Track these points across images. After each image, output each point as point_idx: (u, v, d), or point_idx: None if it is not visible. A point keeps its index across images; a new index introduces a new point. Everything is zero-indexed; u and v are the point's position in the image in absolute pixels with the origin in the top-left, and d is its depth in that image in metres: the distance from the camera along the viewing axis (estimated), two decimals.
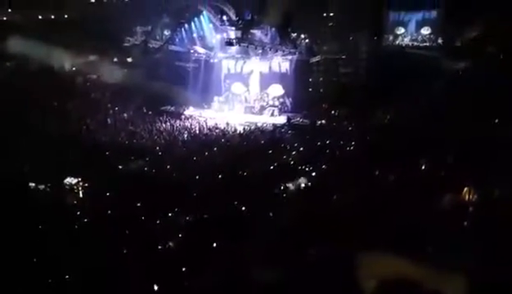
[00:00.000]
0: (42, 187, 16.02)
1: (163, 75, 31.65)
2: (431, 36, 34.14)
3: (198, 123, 27.97)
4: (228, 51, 32.53)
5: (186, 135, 25.35)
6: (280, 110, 30.68)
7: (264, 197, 15.22)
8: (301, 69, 31.44)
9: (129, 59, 34.42)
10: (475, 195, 11.83)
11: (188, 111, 30.57)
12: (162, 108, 30.22)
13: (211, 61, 33.22)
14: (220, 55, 32.98)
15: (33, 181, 16.04)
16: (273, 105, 31.06)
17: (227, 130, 26.58)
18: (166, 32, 35.03)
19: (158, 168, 19.05)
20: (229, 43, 31.13)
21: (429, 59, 30.62)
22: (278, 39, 31.58)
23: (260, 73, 31.95)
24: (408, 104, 22.92)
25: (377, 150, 18.88)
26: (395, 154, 17.16)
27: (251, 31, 31.15)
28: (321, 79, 32.02)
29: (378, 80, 27.29)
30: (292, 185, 16.44)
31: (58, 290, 10.06)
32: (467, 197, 11.97)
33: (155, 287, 9.81)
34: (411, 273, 5.59)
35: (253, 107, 31.23)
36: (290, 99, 31.26)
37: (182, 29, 33.61)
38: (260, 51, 31.01)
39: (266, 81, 31.88)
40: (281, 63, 31.65)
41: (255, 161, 19.45)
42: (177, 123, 27.53)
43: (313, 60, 31.75)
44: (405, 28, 35.09)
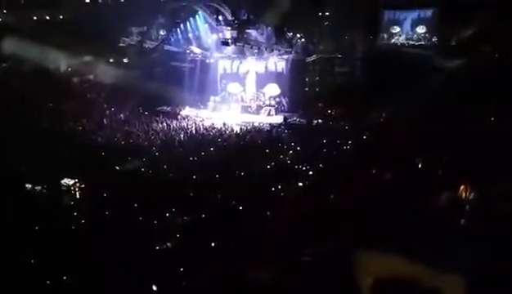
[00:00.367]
0: (38, 188, 15.98)
1: (159, 75, 31.67)
2: (426, 35, 34.21)
3: (194, 123, 27.95)
4: (224, 51, 32.52)
5: (183, 135, 25.34)
6: (276, 110, 30.70)
7: (261, 196, 15.24)
8: (297, 69, 31.50)
9: (125, 59, 34.36)
10: (472, 193, 11.85)
11: (184, 111, 30.54)
12: (158, 108, 30.19)
13: (207, 61, 33.21)
14: (216, 54, 32.97)
15: (29, 182, 16.00)
16: (269, 105, 31.08)
17: (224, 130, 26.59)
18: (162, 32, 34.98)
19: (154, 168, 19.03)
20: (225, 43, 31.13)
21: (425, 57, 30.70)
22: (274, 39, 31.62)
23: (256, 73, 31.96)
24: (404, 102, 22.96)
25: (373, 149, 18.94)
26: (391, 153, 17.21)
27: (247, 31, 31.15)
28: (317, 78, 32.13)
29: (373, 79, 27.37)
30: (289, 184, 16.46)
31: (56, 291, 10.04)
32: (464, 195, 12.00)
33: (154, 288, 9.80)
34: (409, 271, 5.59)
35: (249, 107, 31.22)
36: (287, 98, 31.31)
37: (178, 29, 33.58)
38: (256, 51, 31.02)
39: (262, 80, 31.90)
40: (277, 62, 31.69)
41: (252, 160, 19.46)
42: (174, 123, 27.52)
43: (309, 60, 31.81)
44: (400, 27, 35.15)
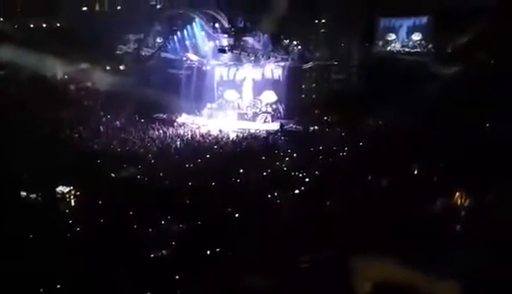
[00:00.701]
0: (33, 196, 15.90)
1: (155, 82, 31.60)
2: (422, 42, 34.37)
3: (191, 130, 27.91)
4: (221, 59, 32.52)
5: (179, 142, 25.29)
6: (273, 117, 30.67)
7: (257, 203, 15.21)
8: (293, 76, 31.50)
9: (122, 66, 34.33)
10: (468, 200, 11.88)
11: (181, 118, 30.48)
12: (154, 115, 30.13)
13: (204, 68, 33.18)
14: (213, 62, 32.96)
15: (24, 190, 15.93)
16: (266, 112, 31.04)
17: (220, 137, 26.56)
18: (158, 39, 34.98)
19: (150, 176, 18.98)
20: (221, 50, 31.15)
21: (420, 64, 30.81)
22: (270, 46, 31.67)
23: (253, 80, 31.95)
24: (400, 109, 23.02)
25: (369, 156, 18.96)
26: (387, 160, 17.23)
27: (243, 38, 31.19)
28: (314, 85, 32.16)
29: (370, 86, 27.43)
30: (285, 192, 16.44)
31: None
32: (459, 201, 12.02)
33: None
34: (405, 277, 5.58)
35: (246, 114, 31.19)
36: (283, 105, 31.26)
37: (175, 37, 33.60)
38: (253, 58, 31.03)
39: (259, 87, 31.88)
40: (274, 69, 31.68)
41: (248, 167, 19.44)
42: (170, 131, 27.46)
43: (306, 67, 31.87)
44: (396, 34, 35.31)
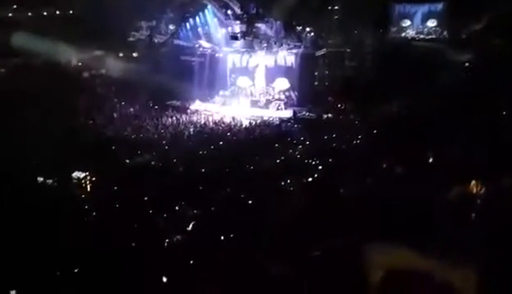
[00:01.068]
0: (49, 181, 16.11)
1: (168, 70, 31.64)
2: (437, 28, 33.91)
3: (204, 117, 28.02)
4: (233, 45, 32.47)
5: (192, 129, 25.41)
6: (285, 104, 30.63)
7: (270, 190, 15.25)
8: (306, 63, 31.37)
9: (135, 53, 34.45)
10: (484, 187, 11.77)
11: (194, 105, 30.60)
12: (167, 102, 30.26)
13: (216, 55, 33.19)
14: (225, 49, 32.93)
15: (40, 175, 16.14)
16: (279, 99, 31.01)
17: (233, 124, 26.62)
18: (171, 26, 34.97)
19: (164, 162, 19.11)
20: (234, 37, 31.10)
21: (435, 51, 30.44)
22: (283, 33, 31.51)
23: (265, 67, 31.89)
24: (414, 97, 22.83)
25: (384, 143, 18.85)
26: (401, 147, 17.12)
27: (256, 25, 31.10)
28: (327, 72, 31.97)
29: (383, 73, 27.18)
30: (298, 178, 16.44)
31: (66, 282, 10.14)
32: (476, 189, 11.92)
33: (164, 280, 9.86)
34: (420, 264, 5.58)
35: (258, 101, 31.20)
36: (296, 92, 31.20)
37: (187, 24, 33.58)
38: (265, 45, 30.95)
39: (271, 75, 31.83)
40: (287, 56, 31.58)
41: (261, 155, 19.47)
42: (183, 118, 27.60)
43: (319, 53, 31.66)
44: (410, 20, 34.90)
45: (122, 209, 13.82)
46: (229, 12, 31.75)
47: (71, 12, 35.36)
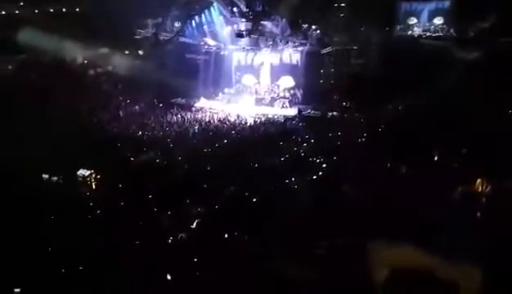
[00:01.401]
0: (55, 179, 16.18)
1: (173, 67, 31.69)
2: (444, 26, 33.71)
3: (209, 115, 28.02)
4: (239, 43, 32.45)
5: (197, 127, 25.41)
6: (290, 102, 30.57)
7: (275, 188, 15.24)
8: (312, 61, 31.29)
9: (140, 51, 34.50)
10: (489, 186, 11.71)
11: (199, 103, 30.60)
12: (173, 100, 30.30)
13: (221, 53, 33.18)
14: (230, 46, 32.91)
15: (46, 173, 16.22)
16: (284, 97, 30.95)
17: (238, 122, 26.59)
18: (176, 24, 34.99)
19: (169, 160, 19.13)
20: (239, 35, 31.07)
21: (442, 49, 30.26)
22: (289, 30, 31.45)
23: (271, 65, 31.86)
24: (420, 95, 22.72)
25: (389, 141, 18.79)
26: (407, 146, 17.06)
27: (261, 22, 31.04)
28: (332, 70, 31.84)
29: (389, 71, 27.05)
30: (303, 176, 16.42)
31: (72, 280, 10.18)
32: (481, 188, 11.86)
33: (168, 277, 9.89)
34: (424, 262, 5.56)
35: (263, 99, 31.15)
36: (301, 90, 31.14)
37: (193, 21, 33.59)
38: (271, 43, 30.92)
39: (276, 72, 31.79)
40: (292, 54, 31.53)
41: (266, 153, 19.45)
42: (188, 115, 27.62)
43: (324, 52, 31.57)
44: (417, 18, 34.70)
45: (127, 207, 13.88)
46: (235, 10, 31.70)
47: (77, 10, 35.49)
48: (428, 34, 33.91)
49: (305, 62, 31.31)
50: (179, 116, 27.31)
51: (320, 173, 17.25)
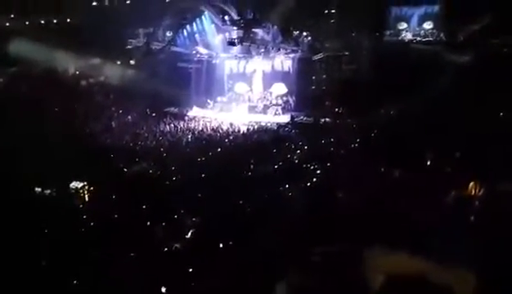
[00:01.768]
0: (47, 192, 16.05)
1: (165, 76, 31.61)
2: (433, 30, 34.01)
3: (202, 124, 27.94)
4: (230, 51, 32.45)
5: (190, 136, 25.32)
6: (283, 109, 30.55)
7: (269, 196, 15.21)
8: (304, 67, 31.35)
9: (132, 61, 34.43)
10: (482, 190, 11.76)
11: (192, 112, 30.50)
12: (165, 109, 30.20)
13: (213, 61, 33.12)
14: (222, 55, 32.90)
15: (38, 186, 16.08)
16: (276, 104, 30.93)
17: (231, 130, 26.54)
18: (168, 33, 34.99)
19: (162, 170, 19.05)
20: (231, 43, 31.10)
21: (432, 53, 30.50)
22: (280, 38, 31.52)
23: (263, 72, 31.86)
24: (412, 99, 22.84)
25: (381, 146, 18.84)
26: (400, 150, 17.11)
27: (253, 30, 31.10)
28: (324, 77, 31.93)
29: (381, 76, 27.19)
30: (297, 183, 16.40)
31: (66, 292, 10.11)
32: (474, 192, 11.91)
33: (163, 289, 9.83)
34: (419, 268, 5.55)
35: (256, 106, 31.13)
36: (294, 97, 31.14)
37: (184, 30, 33.58)
38: (262, 50, 30.95)
39: (269, 80, 31.78)
40: (284, 61, 31.56)
41: (259, 160, 19.43)
42: (181, 124, 27.52)
43: (316, 58, 31.67)
44: (407, 23, 35.01)
45: (120, 218, 13.79)
46: (226, 18, 31.76)
47: (68, 21, 35.43)
48: (418, 39, 34.23)
49: (297, 69, 31.35)
50: (172, 125, 27.22)
51: (313, 180, 17.25)
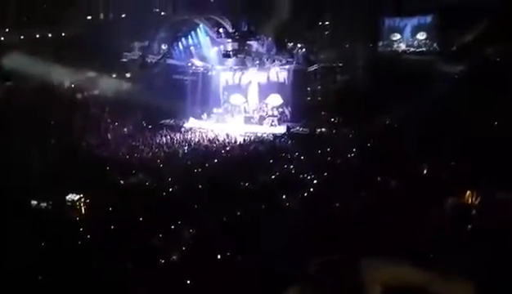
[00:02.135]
0: (44, 205, 15.98)
1: (161, 89, 31.68)
2: (427, 41, 34.29)
3: (198, 136, 27.97)
4: (226, 63, 32.60)
5: (187, 147, 25.34)
6: (279, 120, 30.64)
7: (266, 207, 15.20)
8: (299, 79, 31.49)
9: (128, 74, 34.46)
10: (480, 199, 11.79)
11: (188, 124, 30.53)
12: (161, 121, 30.23)
13: (209, 74, 33.24)
14: (218, 67, 33.03)
15: (34, 199, 16.02)
16: (272, 115, 31.03)
17: (227, 141, 26.57)
18: (163, 46, 35.11)
19: (159, 181, 19.03)
20: (226, 55, 31.26)
21: (426, 64, 30.71)
22: (275, 49, 31.72)
23: (258, 84, 31.97)
24: (407, 109, 22.97)
25: (378, 156, 18.90)
26: (396, 160, 17.17)
27: (248, 42, 31.29)
28: (319, 88, 32.12)
29: (376, 87, 27.36)
30: (294, 194, 16.41)
31: None
32: (471, 201, 11.94)
33: None
34: (418, 278, 5.48)
35: (252, 117, 31.19)
36: (289, 108, 31.26)
37: (179, 43, 33.75)
38: (257, 62, 31.11)
39: (264, 91, 31.89)
40: (279, 73, 31.71)
41: (256, 171, 19.45)
42: (177, 136, 27.54)
43: (311, 69, 31.86)
44: (400, 33, 35.28)
45: (117, 230, 13.74)
46: (221, 31, 31.94)
47: (63, 34, 35.46)
48: (412, 49, 34.48)
49: (292, 80, 31.47)
50: (168, 137, 27.24)
51: (311, 190, 17.27)
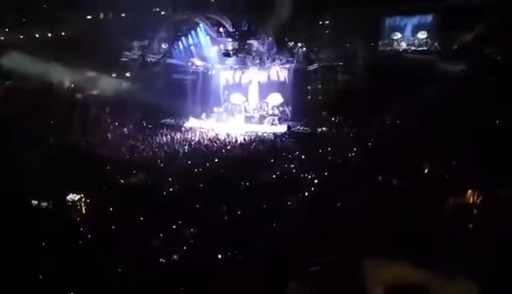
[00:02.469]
0: (44, 204, 15.95)
1: (161, 88, 31.67)
2: (427, 40, 34.25)
3: (198, 135, 27.95)
4: (226, 62, 32.56)
5: (187, 147, 25.32)
6: (280, 119, 30.62)
7: (267, 206, 15.17)
8: (299, 78, 31.48)
9: (128, 73, 34.44)
10: (481, 198, 11.75)
11: (188, 123, 30.51)
12: (162, 121, 30.22)
13: (209, 73, 33.21)
14: (218, 66, 32.98)
15: (34, 199, 15.98)
16: (273, 114, 31.01)
17: (228, 141, 26.55)
18: (163, 45, 35.09)
19: (160, 181, 19.00)
20: (226, 54, 31.21)
21: (426, 62, 30.67)
22: (275, 48, 31.67)
23: (259, 83, 31.96)
24: (407, 108, 22.92)
25: (379, 155, 18.86)
26: (397, 159, 17.13)
27: (248, 41, 31.23)
28: (320, 87, 32.10)
29: (376, 85, 27.32)
30: (295, 193, 16.38)
31: None
32: (473, 200, 11.90)
33: None
34: (420, 278, 5.42)
35: (252, 117, 31.16)
36: (290, 107, 31.24)
37: (180, 42, 33.70)
38: (258, 61, 31.05)
39: (265, 90, 31.88)
40: (279, 72, 31.69)
41: (257, 171, 19.42)
42: (178, 136, 27.52)
43: (311, 68, 31.81)
44: (401, 33, 35.25)
45: (117, 230, 13.72)
46: (221, 30, 31.89)
47: (63, 34, 35.45)
48: (412, 48, 34.44)
49: (292, 79, 31.46)
50: (168, 136, 27.23)
51: (312, 189, 17.24)
